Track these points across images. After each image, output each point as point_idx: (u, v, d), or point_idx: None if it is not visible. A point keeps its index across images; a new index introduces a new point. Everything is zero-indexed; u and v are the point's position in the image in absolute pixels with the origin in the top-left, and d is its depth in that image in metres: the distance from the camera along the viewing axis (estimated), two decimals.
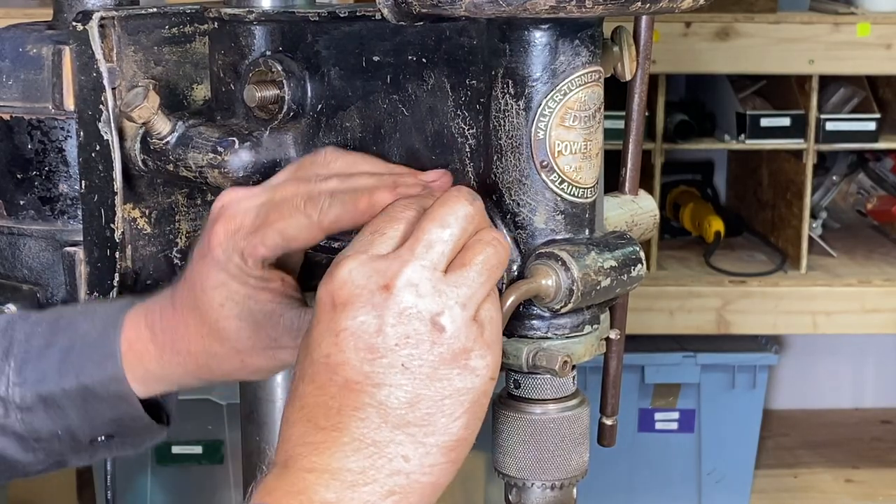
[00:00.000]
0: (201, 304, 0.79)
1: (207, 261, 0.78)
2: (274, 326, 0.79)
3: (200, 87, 0.92)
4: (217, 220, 0.78)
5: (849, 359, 3.14)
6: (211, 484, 2.38)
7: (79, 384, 0.82)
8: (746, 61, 2.44)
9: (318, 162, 0.79)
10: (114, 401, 0.82)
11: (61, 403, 0.82)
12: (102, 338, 0.82)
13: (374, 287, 0.66)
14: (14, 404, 0.82)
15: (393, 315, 0.66)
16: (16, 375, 0.83)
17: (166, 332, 0.81)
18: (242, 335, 0.79)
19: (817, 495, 2.73)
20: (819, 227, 2.70)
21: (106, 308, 0.84)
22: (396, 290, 0.66)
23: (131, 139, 0.88)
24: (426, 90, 0.78)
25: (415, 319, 0.66)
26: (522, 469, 0.75)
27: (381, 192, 0.73)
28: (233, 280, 0.78)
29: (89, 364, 0.82)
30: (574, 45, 0.71)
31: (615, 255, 0.74)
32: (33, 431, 0.83)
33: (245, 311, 0.79)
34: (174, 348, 0.81)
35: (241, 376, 0.83)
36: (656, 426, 2.64)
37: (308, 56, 0.84)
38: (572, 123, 0.72)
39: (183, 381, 0.83)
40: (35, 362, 0.83)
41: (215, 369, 0.81)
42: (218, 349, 0.80)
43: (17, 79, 0.89)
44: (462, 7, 0.66)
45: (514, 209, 0.73)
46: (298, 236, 0.76)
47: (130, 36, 0.88)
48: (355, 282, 0.67)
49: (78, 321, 0.84)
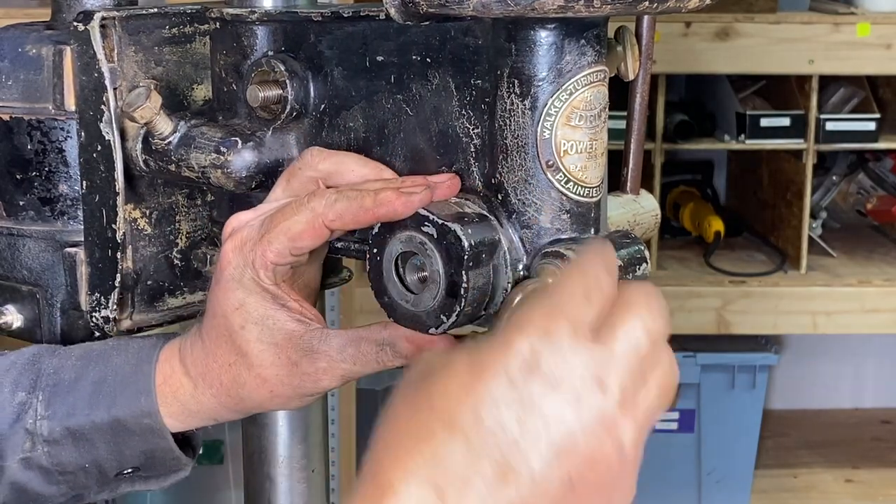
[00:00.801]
0: (224, 331, 0.79)
1: (222, 284, 0.79)
2: (295, 349, 0.79)
3: (200, 88, 0.92)
4: (225, 241, 0.79)
5: (849, 359, 3.14)
6: (211, 484, 2.38)
7: (110, 418, 0.81)
8: (746, 61, 2.44)
9: (306, 163, 0.79)
10: (146, 434, 0.82)
11: (90, 436, 0.82)
12: (136, 372, 0.82)
13: (589, 381, 0.57)
14: (41, 437, 0.82)
15: (594, 427, 0.56)
16: (44, 409, 0.82)
17: (197, 366, 0.81)
18: (266, 359, 0.79)
19: (817, 495, 2.73)
20: (819, 227, 2.70)
21: (139, 343, 0.85)
22: (617, 403, 0.57)
23: (132, 139, 0.88)
24: (430, 90, 0.77)
25: (610, 446, 0.57)
26: None
27: (386, 191, 0.73)
28: (250, 297, 0.78)
29: (122, 398, 0.82)
30: (580, 45, 0.71)
31: (621, 254, 0.74)
32: (59, 465, 0.83)
33: (266, 333, 0.78)
34: (206, 381, 0.81)
35: (272, 406, 0.82)
36: (656, 426, 2.64)
37: (311, 56, 0.84)
38: (578, 123, 0.72)
39: (217, 415, 0.83)
40: (64, 395, 0.82)
41: (247, 400, 0.81)
42: (246, 378, 0.80)
43: (16, 79, 0.89)
44: (470, 7, 0.66)
45: (519, 209, 0.73)
46: (303, 233, 0.76)
47: (131, 36, 0.88)
48: (571, 365, 0.57)
49: (110, 355, 0.84)
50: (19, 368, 0.84)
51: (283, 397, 0.81)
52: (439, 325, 0.73)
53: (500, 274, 0.73)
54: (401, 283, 0.75)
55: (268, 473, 0.99)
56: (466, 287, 0.71)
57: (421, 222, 0.73)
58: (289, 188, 0.80)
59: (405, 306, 0.74)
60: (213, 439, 2.32)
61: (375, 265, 0.75)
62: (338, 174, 0.78)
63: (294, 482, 0.98)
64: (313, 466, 0.99)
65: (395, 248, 0.74)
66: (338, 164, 0.79)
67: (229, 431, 2.32)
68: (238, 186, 0.85)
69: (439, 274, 0.72)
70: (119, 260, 0.88)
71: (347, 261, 0.92)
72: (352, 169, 0.78)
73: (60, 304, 0.90)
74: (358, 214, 0.74)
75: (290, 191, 0.80)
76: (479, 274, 0.72)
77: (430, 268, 0.73)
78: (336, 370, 0.79)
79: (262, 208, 0.80)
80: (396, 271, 0.75)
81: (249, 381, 0.80)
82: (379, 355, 0.78)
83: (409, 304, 0.74)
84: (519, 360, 0.57)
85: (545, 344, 0.57)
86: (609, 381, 0.57)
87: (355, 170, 0.78)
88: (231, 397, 0.81)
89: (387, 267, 0.75)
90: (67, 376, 0.83)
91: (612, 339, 0.58)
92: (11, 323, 0.91)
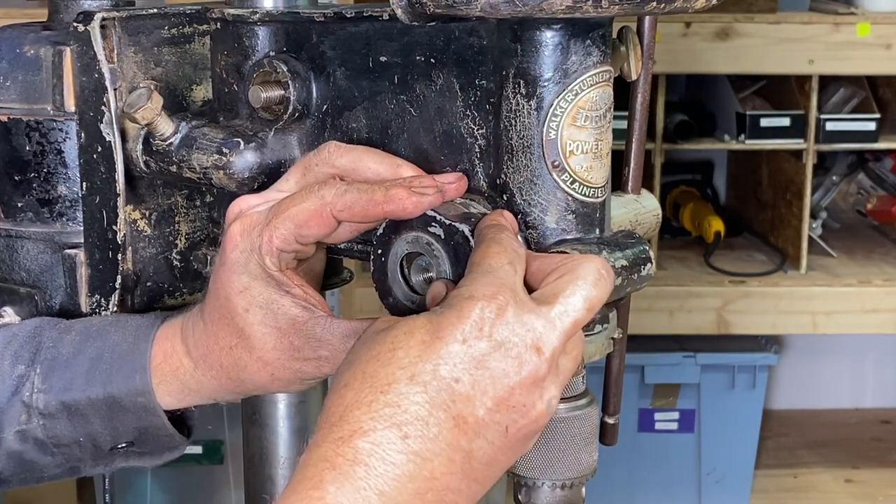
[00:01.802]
0: (227, 313, 0.79)
1: (227, 266, 0.78)
2: (297, 334, 0.78)
3: (199, 88, 0.91)
4: (232, 223, 0.78)
5: (849, 359, 3.14)
6: (211, 484, 2.38)
7: (105, 394, 0.82)
8: (746, 61, 2.44)
9: (324, 158, 0.79)
10: (140, 412, 0.82)
11: (85, 412, 0.82)
12: (133, 350, 0.82)
13: (528, 344, 0.66)
14: (37, 410, 0.82)
15: (528, 384, 0.66)
16: (41, 382, 0.82)
17: (199, 347, 0.81)
18: (268, 343, 0.78)
19: (817, 495, 2.73)
20: (819, 227, 2.70)
21: (138, 320, 0.84)
22: (548, 366, 0.67)
23: (133, 140, 0.88)
24: (435, 90, 0.77)
25: (539, 402, 0.67)
26: (532, 468, 0.75)
27: (397, 188, 0.73)
28: (255, 282, 0.78)
29: (118, 375, 0.82)
30: (586, 45, 0.71)
31: (626, 254, 0.74)
32: (54, 437, 0.83)
33: (269, 317, 0.78)
34: (207, 362, 0.81)
35: (273, 388, 0.82)
36: (656, 426, 2.64)
37: (313, 56, 0.83)
38: (584, 123, 0.72)
39: (217, 395, 0.83)
40: (62, 370, 0.82)
41: (247, 381, 0.81)
42: (247, 360, 0.79)
43: (14, 80, 0.88)
44: (478, 7, 0.66)
45: (525, 209, 0.73)
46: (309, 221, 0.75)
47: (130, 37, 0.87)
48: (514, 329, 0.66)
49: (109, 331, 0.84)
50: (20, 341, 0.84)
51: (283, 381, 0.80)
52: None
53: None
54: (406, 284, 0.74)
55: (269, 474, 0.99)
56: None
57: (428, 223, 0.72)
58: (303, 181, 0.79)
59: (410, 307, 0.74)
60: (214, 439, 2.32)
61: (380, 266, 0.75)
62: (355, 172, 0.78)
63: None
64: None
65: (401, 248, 0.74)
66: (355, 161, 0.78)
67: (229, 431, 2.31)
68: (240, 187, 0.84)
69: (447, 274, 0.72)
70: (120, 261, 0.87)
71: (348, 261, 0.92)
72: (369, 167, 0.77)
73: (59, 305, 0.89)
74: (367, 207, 0.74)
75: (304, 183, 0.79)
76: None
77: (436, 268, 0.72)
78: (338, 359, 0.78)
79: (269, 194, 0.79)
80: (402, 272, 0.74)
81: (251, 364, 0.79)
82: None
83: (415, 305, 0.74)
84: (470, 324, 0.66)
85: (492, 311, 0.66)
86: (545, 345, 0.66)
87: (372, 167, 0.78)
88: (231, 380, 0.81)
89: (392, 268, 0.74)
90: (66, 351, 0.83)
91: (552, 307, 0.67)
92: (10, 325, 0.91)
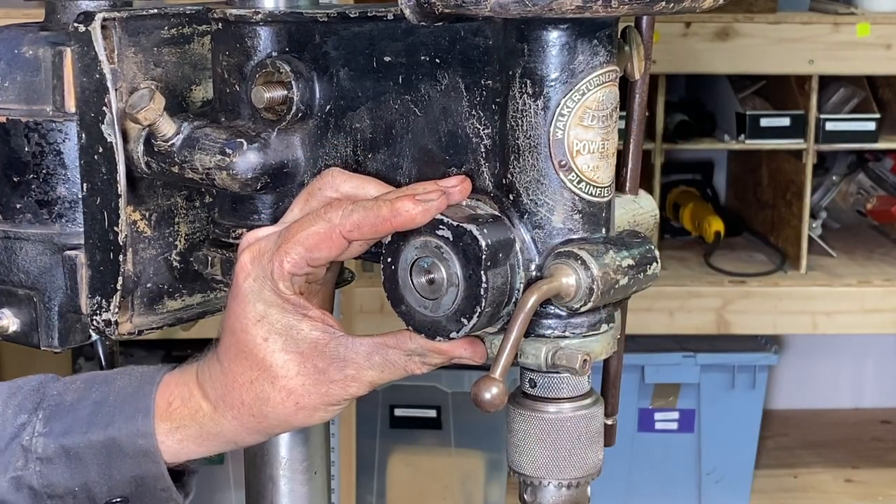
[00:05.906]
0: (245, 346, 0.79)
1: (240, 297, 0.78)
2: (321, 357, 0.78)
3: (199, 89, 0.91)
4: (242, 253, 0.79)
5: (848, 359, 3.14)
6: (211, 484, 2.38)
7: (106, 437, 0.81)
8: (746, 61, 2.44)
9: (327, 182, 0.79)
10: (139, 457, 0.82)
11: (83, 456, 0.82)
12: (137, 392, 0.82)
13: None
14: (35, 455, 0.82)
15: None
16: (42, 426, 0.82)
17: (216, 388, 0.81)
18: (291, 370, 0.78)
19: (817, 495, 2.73)
20: (819, 227, 2.70)
21: (145, 368, 0.85)
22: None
23: (134, 141, 0.87)
24: (440, 90, 0.77)
25: None
26: (538, 468, 0.75)
27: (402, 200, 0.73)
28: (271, 309, 0.78)
29: (120, 416, 0.82)
30: (592, 45, 0.71)
31: (632, 253, 0.74)
32: (49, 486, 0.82)
33: (290, 343, 0.78)
34: (227, 402, 0.80)
35: (297, 420, 0.81)
36: (656, 426, 2.64)
37: (316, 57, 0.83)
38: (591, 123, 0.72)
39: (237, 437, 0.82)
40: (64, 414, 0.82)
41: (269, 416, 0.80)
42: (269, 392, 0.79)
43: (13, 81, 0.88)
44: (487, 7, 0.66)
45: (531, 209, 0.73)
46: (320, 244, 0.75)
47: (131, 37, 0.87)
48: None
49: (115, 378, 0.84)
50: (25, 393, 0.84)
51: (308, 408, 0.79)
52: (460, 329, 0.72)
53: (514, 274, 0.73)
54: (416, 290, 0.74)
55: (270, 475, 0.98)
56: (486, 287, 0.71)
57: (435, 226, 0.72)
58: (307, 207, 0.80)
59: (423, 313, 0.74)
60: None
61: (391, 274, 0.74)
62: (357, 198, 0.78)
63: (296, 484, 0.98)
64: (315, 468, 0.99)
65: (410, 254, 0.74)
66: (357, 188, 0.78)
67: None
68: (243, 188, 0.84)
69: (458, 276, 0.71)
70: (121, 262, 0.87)
71: (348, 262, 0.91)
72: (371, 194, 0.78)
73: (58, 307, 0.89)
74: (376, 224, 0.74)
75: (307, 209, 0.79)
76: (498, 273, 0.71)
77: (447, 271, 0.72)
78: (364, 377, 0.79)
79: (277, 227, 0.80)
80: (412, 279, 0.74)
81: (273, 396, 0.79)
82: (408, 364, 0.78)
83: (428, 310, 0.73)
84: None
85: None
86: None
87: (373, 194, 0.78)
88: (254, 416, 0.80)
89: (402, 275, 0.74)
90: (70, 398, 0.83)
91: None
92: (7, 327, 0.90)
